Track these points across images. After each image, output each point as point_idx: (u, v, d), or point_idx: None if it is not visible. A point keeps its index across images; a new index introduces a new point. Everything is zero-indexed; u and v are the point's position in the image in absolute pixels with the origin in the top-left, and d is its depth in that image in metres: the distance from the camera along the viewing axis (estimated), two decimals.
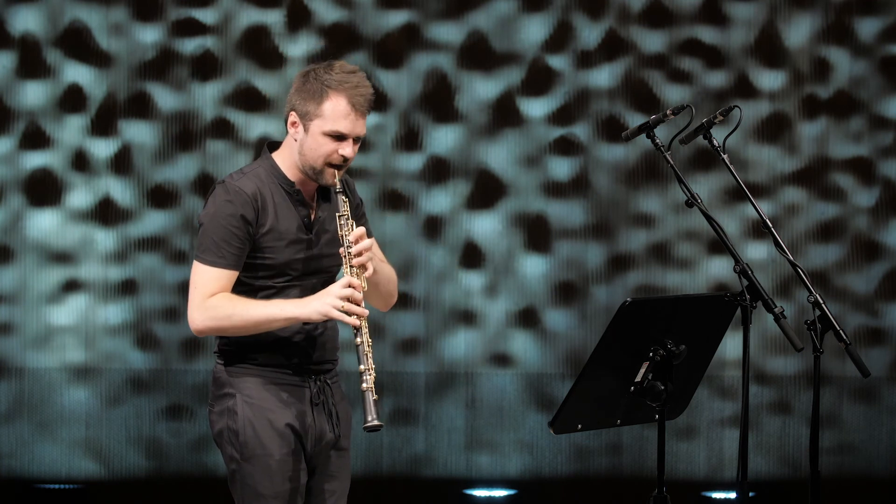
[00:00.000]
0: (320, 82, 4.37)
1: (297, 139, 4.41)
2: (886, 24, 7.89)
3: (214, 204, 4.38)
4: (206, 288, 4.34)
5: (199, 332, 4.37)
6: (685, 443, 7.85)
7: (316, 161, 4.38)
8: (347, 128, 4.35)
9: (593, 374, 4.18)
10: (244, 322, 4.32)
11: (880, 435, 7.89)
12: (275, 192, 4.41)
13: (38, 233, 7.79)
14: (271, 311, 4.32)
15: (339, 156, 4.37)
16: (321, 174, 4.40)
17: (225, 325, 4.34)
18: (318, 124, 4.36)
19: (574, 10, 7.87)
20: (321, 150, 4.37)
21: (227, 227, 4.34)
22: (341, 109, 4.34)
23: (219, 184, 4.42)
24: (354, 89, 4.36)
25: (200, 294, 4.34)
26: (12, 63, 7.78)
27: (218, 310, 4.32)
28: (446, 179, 7.84)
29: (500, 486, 7.82)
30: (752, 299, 4.15)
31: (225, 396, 4.43)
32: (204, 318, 4.34)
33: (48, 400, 7.78)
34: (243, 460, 4.39)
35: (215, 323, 4.34)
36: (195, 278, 4.37)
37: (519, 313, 7.86)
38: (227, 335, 4.40)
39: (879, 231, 7.89)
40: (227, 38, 7.82)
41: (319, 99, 4.35)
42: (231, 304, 4.32)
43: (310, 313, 4.31)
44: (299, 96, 4.40)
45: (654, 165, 7.85)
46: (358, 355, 4.30)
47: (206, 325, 4.34)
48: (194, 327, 4.36)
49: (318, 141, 4.36)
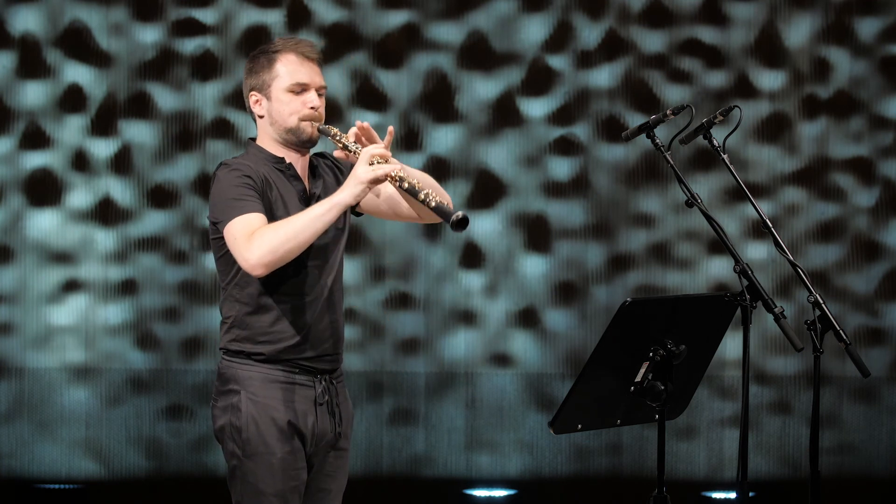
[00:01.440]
0: (265, 53, 4.47)
1: (263, 114, 4.46)
2: (886, 24, 7.89)
3: (219, 179, 4.39)
4: (245, 230, 4.26)
5: (257, 265, 4.24)
6: (685, 443, 7.85)
7: (288, 120, 4.43)
8: (305, 76, 4.42)
9: (593, 374, 4.18)
10: (294, 231, 4.23)
11: (880, 435, 7.89)
12: (268, 171, 4.43)
13: (38, 233, 7.79)
14: (314, 209, 4.26)
15: (309, 109, 4.42)
16: (299, 131, 4.44)
17: (276, 246, 4.22)
18: (277, 85, 4.42)
19: (574, 10, 7.87)
20: (289, 107, 4.42)
21: (238, 186, 4.34)
22: (293, 62, 4.43)
23: (218, 167, 4.44)
24: (298, 45, 4.46)
25: (243, 237, 4.25)
26: (12, 63, 7.78)
27: (263, 237, 4.23)
28: (446, 179, 7.84)
29: (500, 486, 7.82)
30: (752, 299, 4.15)
31: (229, 392, 4.43)
32: (255, 250, 4.23)
33: (48, 400, 7.78)
34: (245, 457, 4.39)
35: (267, 248, 4.22)
36: (231, 235, 4.28)
37: (519, 313, 7.86)
38: (284, 257, 4.25)
39: (879, 231, 7.89)
40: (227, 38, 7.82)
41: (269, 65, 4.44)
42: (273, 227, 4.25)
43: (350, 190, 4.26)
44: (251, 75, 4.48)
45: (654, 165, 7.85)
46: (412, 194, 4.25)
47: (261, 254, 4.23)
48: (251, 265, 4.24)
49: (283, 100, 4.42)
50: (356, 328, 7.76)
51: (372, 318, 7.81)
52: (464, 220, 4.16)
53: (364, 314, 7.80)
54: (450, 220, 4.16)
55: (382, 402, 7.81)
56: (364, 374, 7.74)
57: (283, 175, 4.45)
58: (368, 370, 7.78)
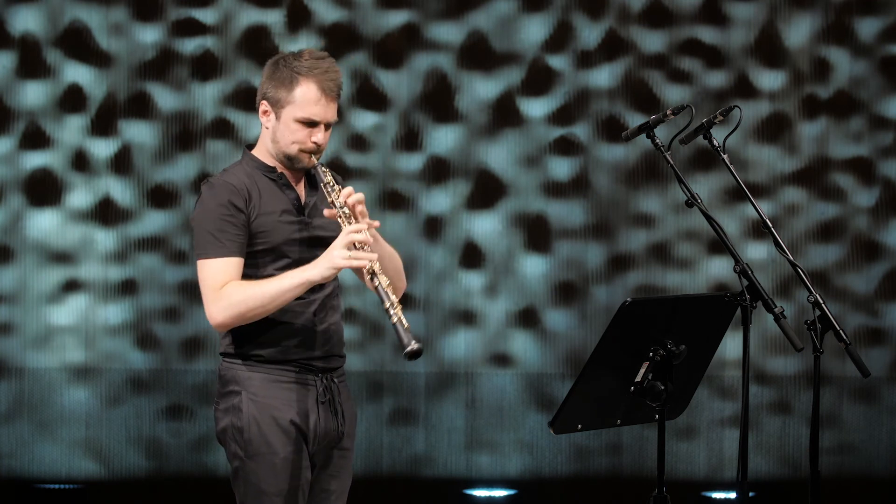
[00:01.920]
0: (290, 69, 4.40)
1: (268, 127, 4.45)
2: (886, 24, 7.89)
3: (202, 203, 4.40)
4: (214, 280, 4.32)
5: (221, 325, 4.32)
6: (685, 443, 7.85)
7: (289, 148, 4.42)
8: (319, 114, 4.39)
9: (593, 374, 4.18)
10: (261, 300, 4.28)
11: (880, 435, 7.89)
12: (259, 181, 4.44)
13: (38, 233, 7.79)
14: (284, 282, 4.29)
15: (312, 143, 4.41)
16: (296, 160, 4.43)
17: (242, 311, 4.29)
18: (290, 111, 4.39)
19: (574, 10, 7.87)
20: (293, 137, 4.40)
21: (219, 218, 4.35)
22: (312, 95, 4.37)
23: (203, 185, 4.45)
24: (324, 74, 4.39)
25: (211, 288, 4.32)
26: (12, 63, 7.78)
27: (232, 297, 4.29)
28: (446, 179, 7.84)
29: (500, 486, 7.82)
30: (752, 299, 4.14)
31: (230, 394, 4.43)
32: (220, 309, 4.30)
33: (48, 400, 7.78)
34: (247, 458, 4.39)
35: (233, 310, 4.29)
36: (202, 276, 4.35)
37: (519, 313, 7.86)
38: (249, 320, 4.32)
39: (879, 231, 7.89)
40: (227, 38, 7.82)
41: (290, 86, 4.38)
42: (242, 289, 4.30)
43: (321, 271, 4.28)
44: (270, 84, 4.43)
45: (654, 165, 7.85)
46: (379, 296, 4.26)
47: (225, 315, 4.30)
48: (215, 323, 4.32)
49: (291, 128, 4.40)
50: (356, 328, 7.76)
51: (372, 318, 7.80)
52: (417, 352, 4.20)
53: (364, 314, 7.80)
54: (404, 350, 4.20)
55: (382, 402, 7.81)
56: (364, 374, 7.74)
57: (274, 184, 4.45)
58: (368, 370, 7.77)
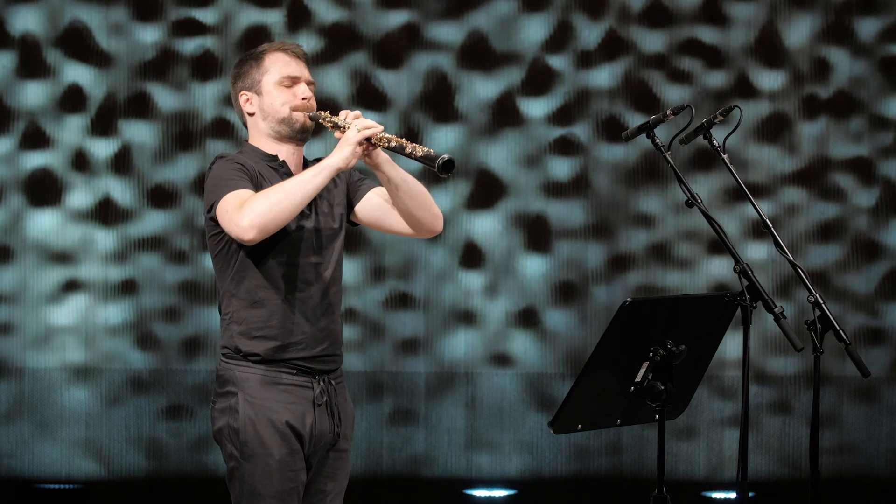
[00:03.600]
0: (251, 56, 4.55)
1: (254, 112, 4.51)
2: (886, 24, 7.89)
3: (213, 170, 4.43)
4: (236, 201, 4.26)
5: (250, 228, 4.22)
6: (685, 443, 7.85)
7: (280, 111, 4.47)
8: (296, 70, 4.50)
9: (593, 374, 4.18)
10: (285, 195, 4.24)
11: (880, 435, 7.89)
12: (262, 169, 4.45)
13: (38, 233, 7.79)
14: (304, 174, 4.29)
15: (300, 99, 4.46)
16: (291, 121, 4.47)
17: (267, 209, 4.22)
18: (268, 80, 4.49)
19: (574, 10, 7.87)
20: (280, 99, 4.47)
21: (232, 170, 4.38)
22: (281, 59, 4.51)
23: (213, 161, 4.49)
24: (283, 44, 4.55)
25: (234, 208, 4.25)
26: (12, 63, 7.78)
27: (254, 202, 4.24)
28: (446, 179, 7.84)
29: (500, 486, 7.82)
30: (752, 299, 4.14)
31: (227, 394, 4.43)
32: (246, 214, 4.23)
33: (48, 400, 7.78)
34: (243, 459, 4.40)
35: (258, 211, 4.22)
36: (223, 207, 4.28)
37: (519, 313, 7.86)
38: (276, 220, 4.23)
39: (879, 231, 7.89)
40: (227, 38, 7.82)
41: (258, 64, 4.51)
42: (263, 193, 4.26)
43: (340, 153, 4.29)
44: (240, 78, 4.55)
45: (654, 165, 7.85)
46: (402, 149, 4.31)
47: (252, 217, 4.22)
48: (243, 227, 4.22)
49: (274, 93, 4.47)
50: (356, 328, 7.76)
51: (372, 318, 7.80)
52: (449, 162, 4.25)
53: (364, 314, 7.80)
54: (435, 164, 4.24)
55: (382, 402, 7.81)
56: (364, 374, 7.74)
57: (276, 172, 4.47)
58: (368, 370, 7.78)
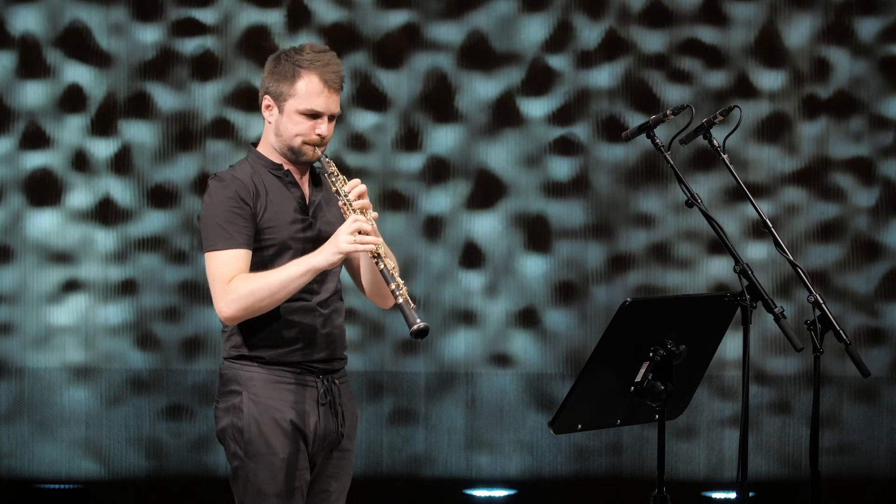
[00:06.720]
0: (292, 63, 4.42)
1: (272, 122, 4.47)
2: (886, 24, 7.89)
3: (210, 195, 4.40)
4: (223, 273, 4.31)
5: (230, 318, 4.31)
6: (685, 443, 7.85)
7: (292, 141, 4.43)
8: (322, 105, 4.40)
9: (593, 374, 4.18)
10: (268, 291, 4.27)
11: (880, 435, 7.89)
12: (265, 178, 4.44)
13: (38, 233, 7.79)
14: (290, 270, 4.29)
15: (316, 135, 4.42)
16: (300, 153, 4.44)
17: (251, 302, 4.28)
18: (293, 104, 4.40)
19: (574, 10, 7.87)
20: (297, 129, 4.41)
21: (228, 210, 4.35)
22: (314, 87, 4.40)
23: (211, 179, 4.45)
24: (325, 67, 4.41)
25: (220, 282, 4.30)
26: (12, 63, 7.78)
27: (239, 290, 4.27)
28: (446, 179, 7.84)
29: (500, 486, 7.82)
30: (752, 299, 4.14)
31: (231, 394, 4.43)
32: (229, 302, 4.29)
33: (48, 400, 7.78)
34: (247, 458, 4.39)
35: (241, 303, 4.28)
36: (211, 269, 4.33)
37: (519, 313, 7.86)
38: (258, 312, 4.31)
39: (879, 231, 7.89)
40: (227, 38, 7.82)
41: (292, 79, 4.40)
42: (249, 281, 4.28)
43: (326, 257, 4.28)
44: (272, 79, 4.45)
45: (654, 165, 7.85)
46: (385, 278, 4.26)
47: (234, 308, 4.29)
48: (224, 316, 4.31)
49: (294, 120, 4.41)
50: (356, 328, 7.76)
51: (372, 318, 7.80)
52: (424, 330, 4.16)
53: (364, 314, 7.80)
54: (410, 327, 4.17)
55: (382, 402, 7.81)
56: (364, 374, 7.74)
57: (280, 181, 4.45)
58: (368, 370, 7.78)
